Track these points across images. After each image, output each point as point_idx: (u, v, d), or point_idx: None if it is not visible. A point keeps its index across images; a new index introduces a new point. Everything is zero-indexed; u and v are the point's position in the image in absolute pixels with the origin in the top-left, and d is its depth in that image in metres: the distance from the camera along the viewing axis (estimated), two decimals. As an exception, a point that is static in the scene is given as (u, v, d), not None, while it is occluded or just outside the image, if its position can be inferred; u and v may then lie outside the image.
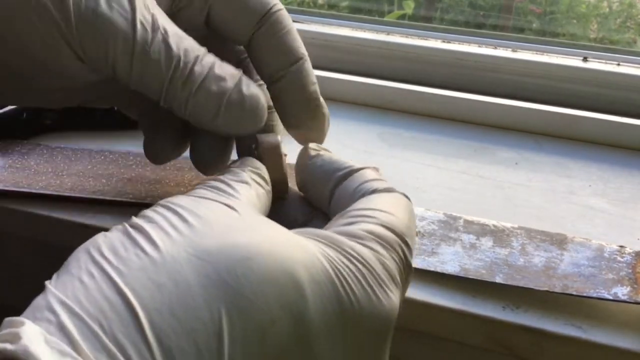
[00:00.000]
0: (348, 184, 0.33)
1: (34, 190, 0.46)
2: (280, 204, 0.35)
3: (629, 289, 0.37)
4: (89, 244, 0.25)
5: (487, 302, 0.38)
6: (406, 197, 0.32)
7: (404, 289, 0.29)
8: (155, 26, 0.31)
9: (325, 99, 0.60)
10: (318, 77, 0.60)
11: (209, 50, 0.33)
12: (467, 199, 0.47)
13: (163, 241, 0.24)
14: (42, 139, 0.52)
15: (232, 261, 0.23)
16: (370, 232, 0.27)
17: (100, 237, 0.25)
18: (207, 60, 0.32)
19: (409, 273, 0.29)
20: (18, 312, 0.24)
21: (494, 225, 0.43)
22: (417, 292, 0.38)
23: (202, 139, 0.36)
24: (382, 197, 0.31)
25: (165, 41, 0.31)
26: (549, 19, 0.80)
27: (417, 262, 0.39)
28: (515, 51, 0.61)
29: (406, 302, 0.38)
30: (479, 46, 0.62)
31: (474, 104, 0.57)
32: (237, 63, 0.36)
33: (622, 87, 0.57)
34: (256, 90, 0.33)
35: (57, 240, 0.45)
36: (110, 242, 0.25)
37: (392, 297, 0.27)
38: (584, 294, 0.37)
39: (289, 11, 0.68)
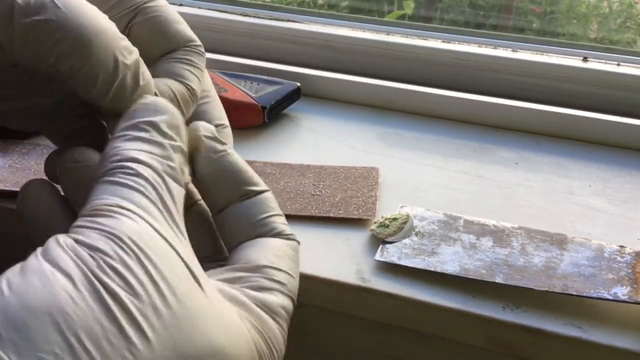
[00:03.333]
0: (250, 209, 0.33)
1: (34, 190, 0.46)
2: None
3: (629, 289, 0.37)
4: (52, 307, 0.21)
5: (487, 302, 0.38)
6: (297, 242, 0.34)
7: None
8: None
9: (326, 99, 0.61)
10: (318, 77, 0.61)
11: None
12: (467, 199, 0.47)
13: (149, 334, 0.23)
14: (42, 139, 0.52)
15: None
16: (284, 309, 0.30)
17: (64, 299, 0.22)
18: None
19: None
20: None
21: (494, 225, 0.43)
22: (417, 292, 0.38)
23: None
24: (286, 251, 0.33)
25: None
26: (549, 19, 0.80)
27: (417, 262, 0.40)
28: (515, 51, 0.61)
29: (406, 302, 0.38)
30: (479, 46, 0.62)
31: (474, 104, 0.57)
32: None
33: (622, 87, 0.57)
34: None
35: (57, 240, 0.45)
36: (83, 315, 0.22)
37: None
38: (584, 294, 0.37)
39: (289, 11, 0.68)
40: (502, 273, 0.39)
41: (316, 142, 0.54)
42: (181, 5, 0.69)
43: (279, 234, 0.33)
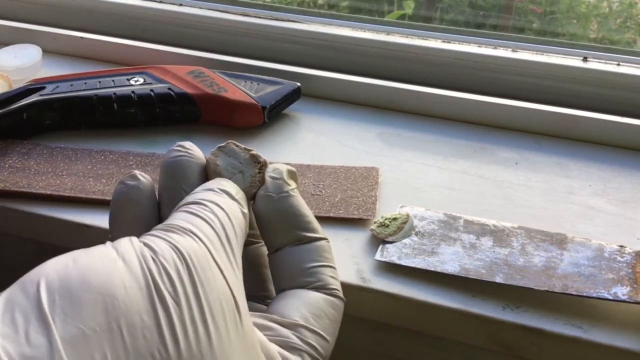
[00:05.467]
0: (301, 255, 0.33)
1: (34, 190, 0.46)
2: None
3: (629, 289, 0.37)
4: (106, 289, 0.23)
5: (487, 302, 0.38)
6: (342, 300, 0.33)
7: None
8: None
9: (326, 99, 0.61)
10: (318, 77, 0.61)
11: None
12: (467, 199, 0.47)
13: (181, 342, 0.24)
14: (42, 139, 0.52)
15: None
16: None
17: (118, 286, 0.24)
18: None
19: None
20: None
21: (494, 225, 0.43)
22: (417, 292, 0.38)
23: None
24: (325, 310, 0.32)
25: None
26: (549, 19, 0.80)
27: (417, 262, 0.40)
28: (515, 51, 0.61)
29: (406, 302, 0.38)
30: (479, 46, 0.62)
31: (474, 104, 0.57)
32: None
33: (622, 87, 0.57)
34: None
35: (57, 240, 0.45)
36: (129, 304, 0.24)
37: None
38: (584, 294, 0.37)
39: (289, 11, 0.68)
40: (502, 273, 0.39)
41: (316, 142, 0.54)
42: (181, 5, 0.69)
43: (323, 287, 0.33)
